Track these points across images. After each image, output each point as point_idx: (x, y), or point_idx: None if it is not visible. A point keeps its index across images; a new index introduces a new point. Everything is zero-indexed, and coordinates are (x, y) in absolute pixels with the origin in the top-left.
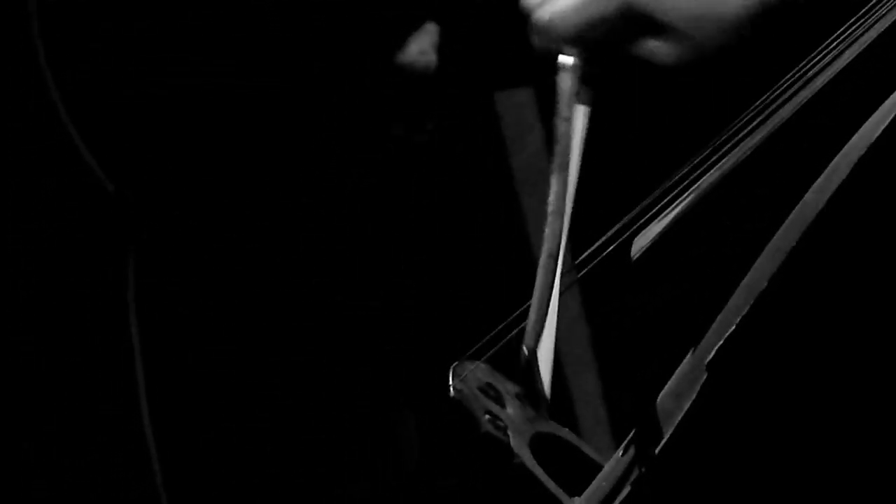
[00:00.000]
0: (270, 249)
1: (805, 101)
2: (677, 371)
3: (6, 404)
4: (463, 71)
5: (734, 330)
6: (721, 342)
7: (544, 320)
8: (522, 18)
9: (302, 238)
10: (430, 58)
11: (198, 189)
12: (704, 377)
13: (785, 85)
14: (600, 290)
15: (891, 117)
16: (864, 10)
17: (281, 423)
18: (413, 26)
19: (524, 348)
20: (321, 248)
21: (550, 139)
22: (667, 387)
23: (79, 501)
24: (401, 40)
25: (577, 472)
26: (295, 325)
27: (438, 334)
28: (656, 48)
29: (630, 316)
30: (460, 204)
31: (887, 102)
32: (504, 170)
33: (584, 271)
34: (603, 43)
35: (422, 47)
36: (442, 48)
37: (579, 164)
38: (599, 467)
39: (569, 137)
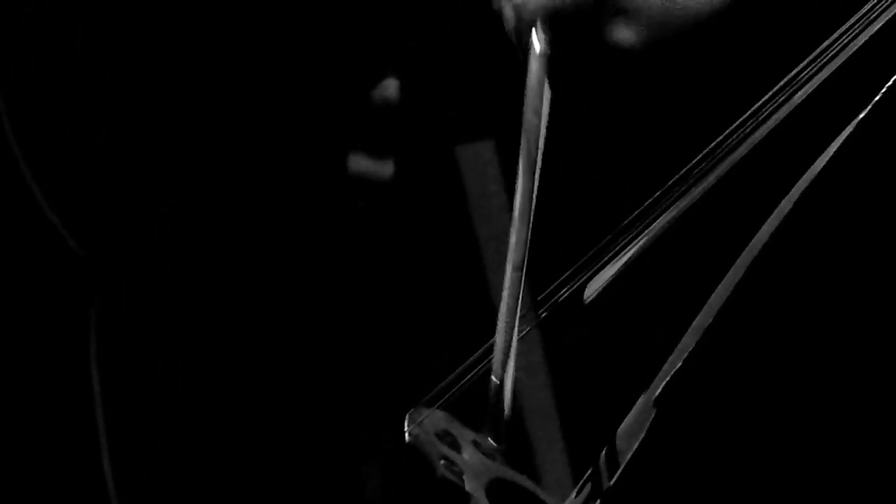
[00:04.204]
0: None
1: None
2: (631, 412)
3: (6, 404)
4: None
5: (681, 366)
6: (667, 379)
7: (510, 350)
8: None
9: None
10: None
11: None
12: (653, 414)
13: (735, 128)
14: (557, 335)
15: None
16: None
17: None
18: (411, 28)
19: (493, 379)
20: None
21: (512, 194)
22: (620, 427)
23: (81, 501)
24: (398, 42)
25: None
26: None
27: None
28: (623, 31)
29: (587, 359)
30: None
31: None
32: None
33: (541, 314)
34: (572, 24)
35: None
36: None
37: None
38: None
39: (537, 130)
